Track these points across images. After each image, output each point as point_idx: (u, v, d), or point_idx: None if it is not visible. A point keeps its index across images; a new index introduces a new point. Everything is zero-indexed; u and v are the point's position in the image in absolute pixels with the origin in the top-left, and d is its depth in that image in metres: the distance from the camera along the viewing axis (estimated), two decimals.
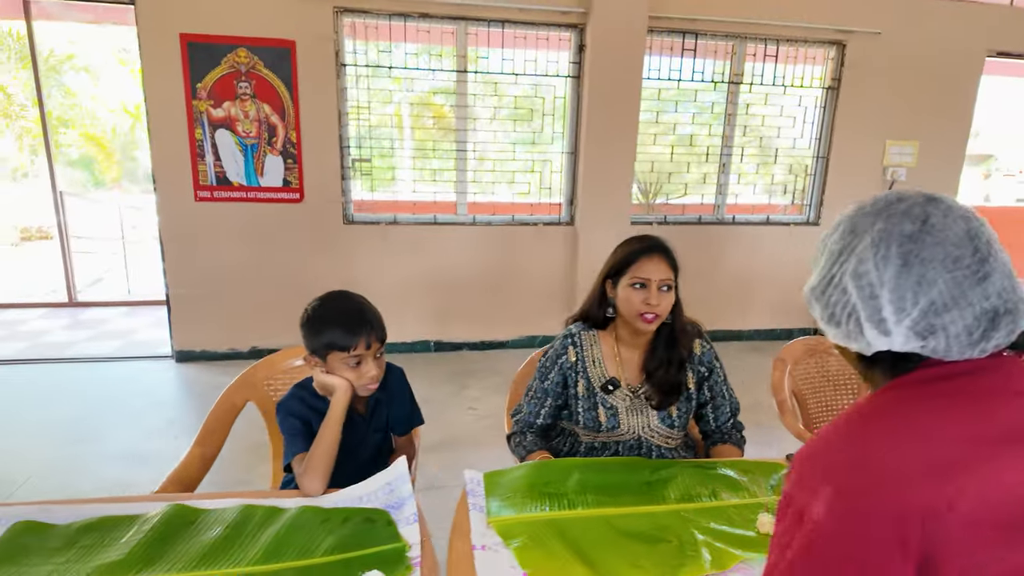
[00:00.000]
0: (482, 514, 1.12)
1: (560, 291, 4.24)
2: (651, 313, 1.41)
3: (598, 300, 1.55)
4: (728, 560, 1.01)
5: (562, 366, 1.54)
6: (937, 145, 4.57)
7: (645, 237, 1.49)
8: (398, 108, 4.00)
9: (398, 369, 1.53)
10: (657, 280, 1.41)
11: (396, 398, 1.49)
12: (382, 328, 1.36)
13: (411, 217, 3.98)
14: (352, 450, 1.41)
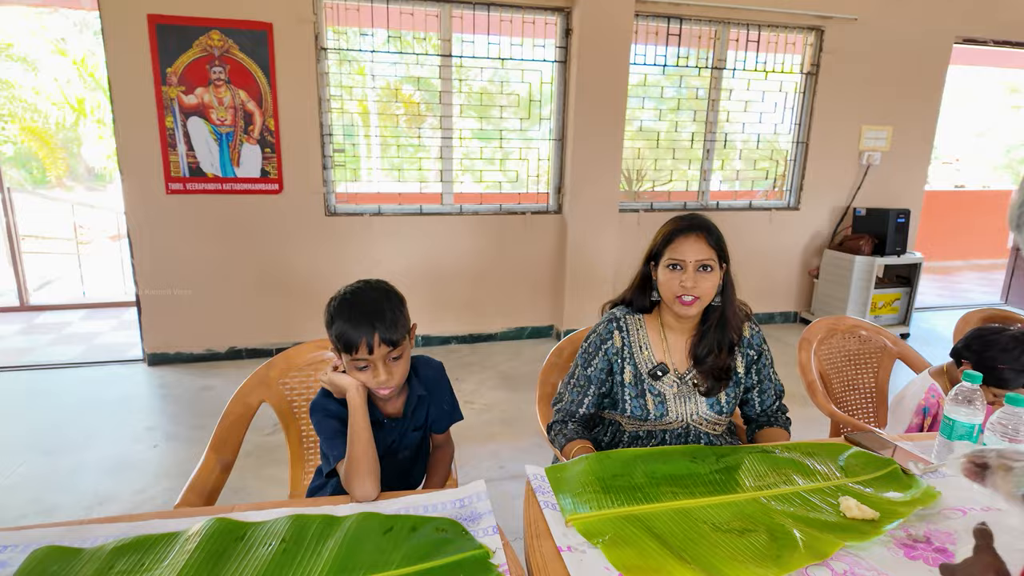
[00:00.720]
0: (556, 512, 1.04)
1: (549, 281, 4.18)
2: (689, 295, 1.35)
3: (641, 284, 1.48)
4: (828, 547, 0.95)
5: (607, 352, 1.46)
6: (909, 129, 4.68)
7: (684, 215, 1.43)
8: (388, 91, 3.85)
9: (437, 364, 1.42)
10: (693, 260, 1.35)
11: (435, 394, 1.39)
12: (395, 329, 1.19)
13: (396, 208, 3.85)
14: (390, 452, 1.32)
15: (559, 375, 1.77)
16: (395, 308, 1.23)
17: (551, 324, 4.27)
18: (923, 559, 0.95)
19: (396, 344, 1.19)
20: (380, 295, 1.26)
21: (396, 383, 1.22)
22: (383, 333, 1.18)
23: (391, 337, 1.18)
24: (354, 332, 1.18)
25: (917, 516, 1.05)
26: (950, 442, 1.19)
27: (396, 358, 1.21)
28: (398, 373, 1.22)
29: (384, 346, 1.18)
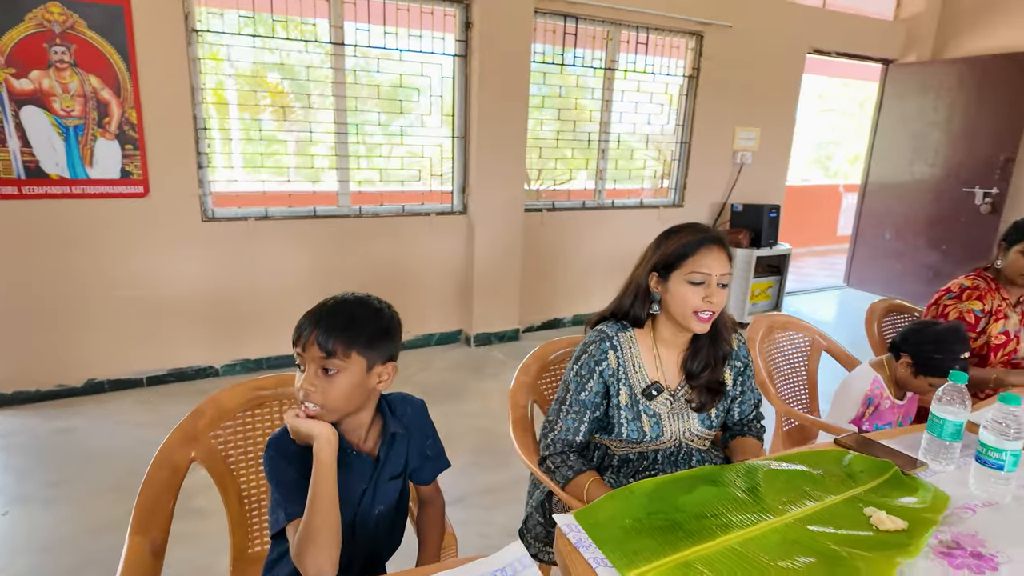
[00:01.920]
0: (611, 569, 0.92)
1: (456, 285, 4.02)
2: (708, 311, 1.29)
3: (641, 295, 1.38)
4: (888, 569, 0.93)
5: (603, 374, 1.36)
6: (773, 131, 5.12)
7: (698, 226, 1.35)
8: (268, 83, 3.44)
9: (418, 402, 1.25)
10: (718, 275, 1.29)
11: (414, 435, 1.21)
12: (340, 340, 1.01)
13: (286, 211, 3.47)
14: (363, 509, 1.12)
15: (527, 395, 1.64)
16: (360, 323, 1.05)
17: (459, 329, 4.12)
18: (967, 567, 0.96)
19: (330, 354, 1.01)
20: (358, 306, 1.08)
21: (321, 403, 1.02)
22: (321, 335, 1.01)
23: (327, 344, 1.01)
24: (302, 321, 1.05)
25: (941, 522, 1.08)
26: (942, 440, 1.24)
27: (329, 372, 1.02)
28: (328, 395, 1.02)
29: (316, 348, 1.01)
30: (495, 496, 2.42)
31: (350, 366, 1.03)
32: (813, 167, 10.90)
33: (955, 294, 2.06)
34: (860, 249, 6.07)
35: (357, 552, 1.14)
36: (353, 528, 1.12)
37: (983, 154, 4.93)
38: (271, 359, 3.55)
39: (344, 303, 1.08)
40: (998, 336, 2.03)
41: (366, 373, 1.06)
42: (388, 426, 1.15)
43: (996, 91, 4.82)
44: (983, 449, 1.15)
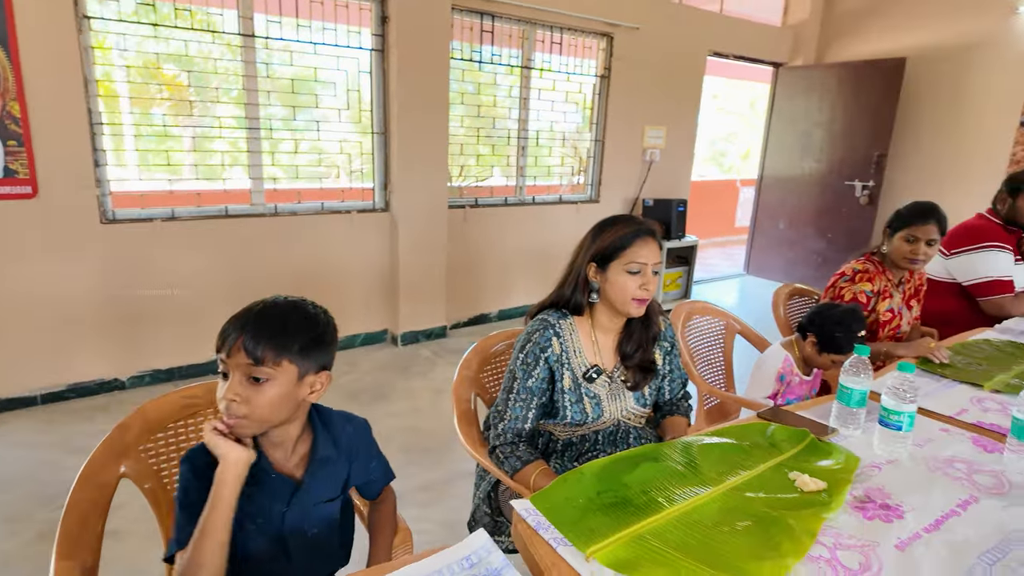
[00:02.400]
0: (570, 548, 0.97)
1: (380, 284, 3.96)
2: (645, 297, 1.39)
3: (581, 285, 1.45)
4: (814, 524, 1.04)
5: (548, 360, 1.42)
6: (678, 129, 5.39)
7: (632, 219, 1.45)
8: (172, 77, 3.23)
9: (361, 422, 1.22)
10: (652, 264, 1.39)
11: (357, 459, 1.17)
12: (269, 346, 0.96)
13: (195, 210, 3.28)
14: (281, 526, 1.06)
15: (470, 388, 1.67)
16: (293, 329, 1.00)
17: (385, 329, 4.05)
18: (878, 517, 1.08)
19: (258, 361, 0.95)
20: (291, 311, 1.03)
21: (246, 415, 0.96)
22: (249, 341, 0.95)
23: (254, 349, 0.95)
24: (226, 326, 0.98)
25: (853, 480, 1.20)
26: (849, 408, 1.38)
27: (257, 380, 0.96)
28: (255, 405, 0.96)
29: (243, 355, 0.95)
30: (430, 493, 2.42)
31: (279, 375, 0.98)
32: (709, 164, 11.56)
33: (849, 277, 2.28)
34: (758, 239, 6.52)
35: (298, 572, 1.11)
36: (286, 550, 1.07)
37: (861, 151, 5.44)
38: (184, 368, 3.34)
39: (275, 307, 1.02)
40: (885, 313, 2.26)
41: (296, 383, 1.01)
42: (317, 448, 1.09)
43: (869, 94, 5.33)
44: (885, 413, 1.29)
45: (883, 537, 1.03)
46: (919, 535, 1.04)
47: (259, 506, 1.04)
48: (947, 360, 1.89)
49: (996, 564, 0.97)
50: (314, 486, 1.09)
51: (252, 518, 1.04)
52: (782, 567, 0.93)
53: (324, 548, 1.14)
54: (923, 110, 5.26)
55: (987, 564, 0.97)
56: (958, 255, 2.58)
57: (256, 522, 1.04)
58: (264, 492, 1.04)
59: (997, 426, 1.45)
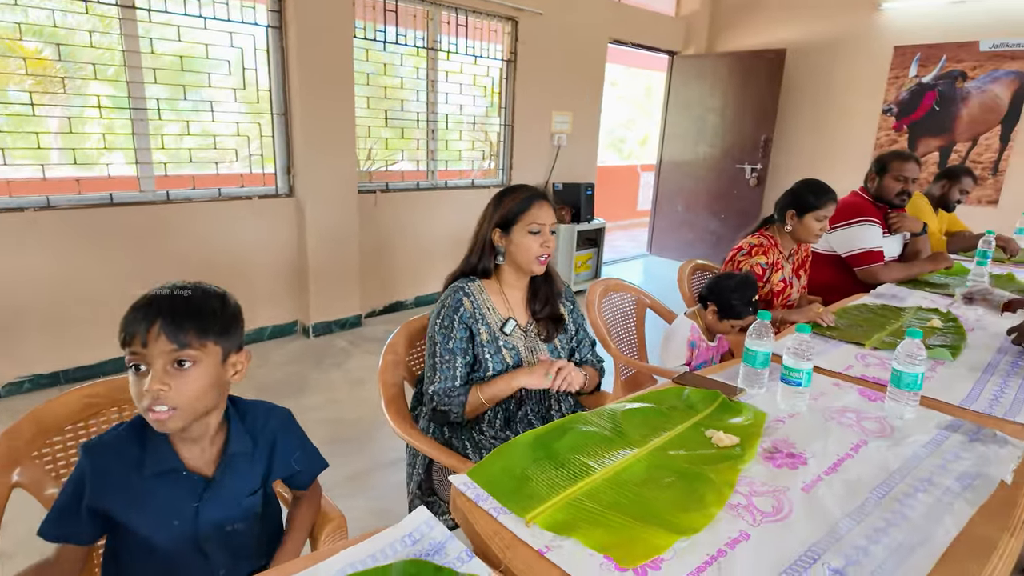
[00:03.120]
0: (511, 516, 0.99)
1: (288, 273, 3.79)
2: (545, 255, 1.53)
3: (486, 250, 1.58)
4: (731, 475, 1.12)
5: (463, 318, 1.52)
6: (583, 115, 5.53)
7: (526, 187, 1.58)
8: (34, 51, 2.90)
9: (282, 412, 1.18)
10: (549, 224, 1.53)
11: (281, 450, 1.13)
12: (191, 330, 0.91)
13: (74, 198, 2.98)
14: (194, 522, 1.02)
15: (397, 372, 1.65)
16: (210, 308, 0.96)
17: (295, 320, 3.89)
18: (786, 465, 1.19)
19: (183, 345, 0.90)
20: (201, 293, 0.98)
21: (177, 405, 0.91)
22: (169, 326, 0.89)
23: (177, 332, 0.90)
24: (133, 316, 0.90)
25: (762, 434, 1.31)
26: (755, 369, 1.49)
27: (183, 366, 0.91)
28: (184, 392, 0.91)
29: (164, 340, 0.89)
30: (354, 483, 2.38)
31: (206, 356, 0.94)
32: (609, 150, 11.94)
33: (746, 251, 2.45)
34: (659, 221, 6.85)
35: (218, 570, 1.06)
36: (200, 548, 1.02)
37: (749, 135, 5.83)
38: (72, 371, 3.05)
39: (182, 291, 0.96)
40: (778, 283, 2.45)
41: (221, 364, 0.98)
42: (230, 443, 1.05)
43: (755, 82, 5.71)
44: (786, 371, 1.41)
45: (791, 482, 1.13)
46: (820, 478, 1.14)
47: (173, 506, 1.00)
48: (832, 323, 2.08)
49: (885, 497, 1.09)
50: (228, 481, 1.04)
51: (167, 518, 0.99)
52: (707, 516, 1.00)
53: (246, 544, 1.10)
54: (802, 97, 5.71)
55: (877, 498, 1.08)
56: (837, 230, 2.84)
57: (172, 524, 1.00)
58: (176, 491, 1.00)
59: (878, 379, 1.62)
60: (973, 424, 1.37)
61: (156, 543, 0.98)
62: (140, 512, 0.97)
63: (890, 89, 5.22)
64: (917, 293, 2.59)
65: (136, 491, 0.97)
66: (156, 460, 0.98)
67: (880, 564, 0.91)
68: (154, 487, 0.98)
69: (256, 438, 1.09)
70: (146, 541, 0.98)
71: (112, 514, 0.96)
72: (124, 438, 0.99)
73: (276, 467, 1.13)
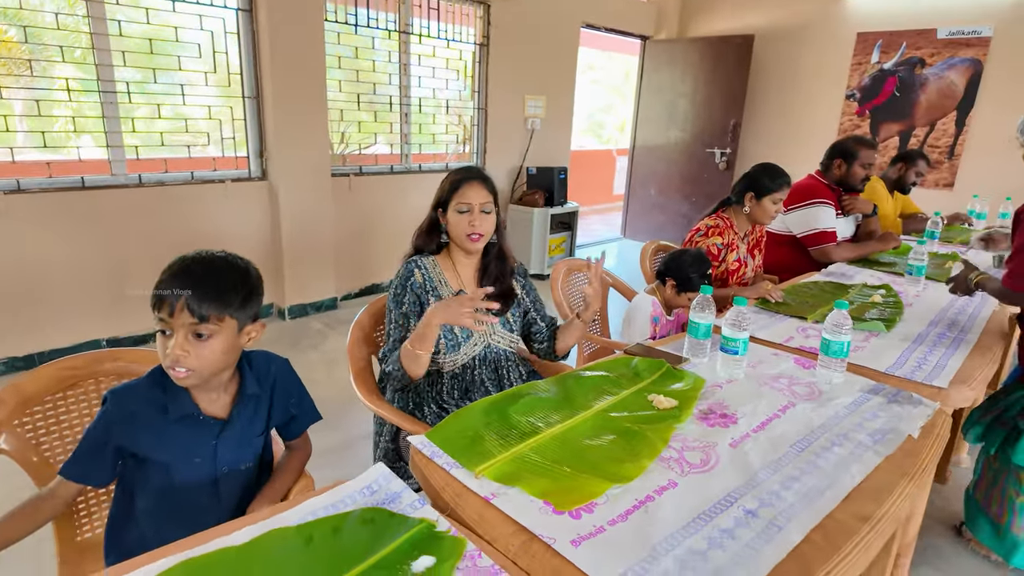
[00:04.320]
0: (461, 469, 1.08)
1: (263, 256, 3.83)
2: (476, 233, 1.59)
3: (429, 228, 1.67)
4: (666, 432, 1.23)
5: (412, 287, 1.60)
6: (557, 99, 5.59)
7: (465, 168, 1.65)
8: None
9: (281, 360, 1.27)
10: (479, 204, 1.58)
11: (278, 394, 1.23)
12: (212, 303, 1.03)
13: (44, 182, 2.99)
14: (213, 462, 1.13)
15: (367, 346, 1.74)
16: (231, 284, 1.07)
17: (271, 303, 3.94)
18: (718, 424, 1.30)
19: (203, 319, 1.02)
20: (227, 268, 1.09)
21: (194, 368, 1.03)
22: (192, 299, 1.01)
23: (199, 308, 1.01)
24: (166, 284, 1.03)
25: (700, 398, 1.42)
26: (698, 340, 1.61)
27: (201, 337, 1.03)
28: (202, 358, 1.04)
29: (187, 314, 1.01)
30: (327, 457, 2.46)
31: (223, 329, 1.06)
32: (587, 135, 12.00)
33: (703, 232, 2.56)
34: (632, 205, 6.96)
35: (225, 510, 1.15)
36: (216, 486, 1.13)
37: (719, 120, 5.95)
38: (46, 354, 3.07)
39: (211, 264, 1.08)
40: (733, 263, 2.57)
41: (237, 334, 1.09)
42: (245, 387, 1.16)
43: (725, 67, 5.82)
44: (725, 341, 1.52)
45: (720, 439, 1.24)
46: (748, 435, 1.26)
47: (194, 444, 1.10)
48: (781, 299, 2.20)
49: (804, 451, 1.21)
50: (240, 422, 1.15)
51: (190, 456, 1.10)
52: (639, 467, 1.11)
53: (254, 483, 1.21)
54: (769, 83, 5.83)
55: (796, 451, 1.20)
56: (793, 211, 2.96)
57: (194, 461, 1.10)
58: (197, 431, 1.11)
59: (814, 348, 1.74)
60: (893, 388, 1.50)
61: (178, 480, 1.10)
62: (166, 449, 1.08)
63: (853, 75, 5.36)
64: (866, 271, 2.73)
65: (162, 431, 1.08)
66: (177, 406, 1.09)
67: (790, 506, 1.03)
68: (177, 428, 1.09)
69: (261, 382, 1.20)
70: (168, 478, 1.09)
71: (139, 452, 1.07)
72: (148, 385, 1.10)
73: (276, 410, 1.23)
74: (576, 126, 5.91)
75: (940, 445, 1.28)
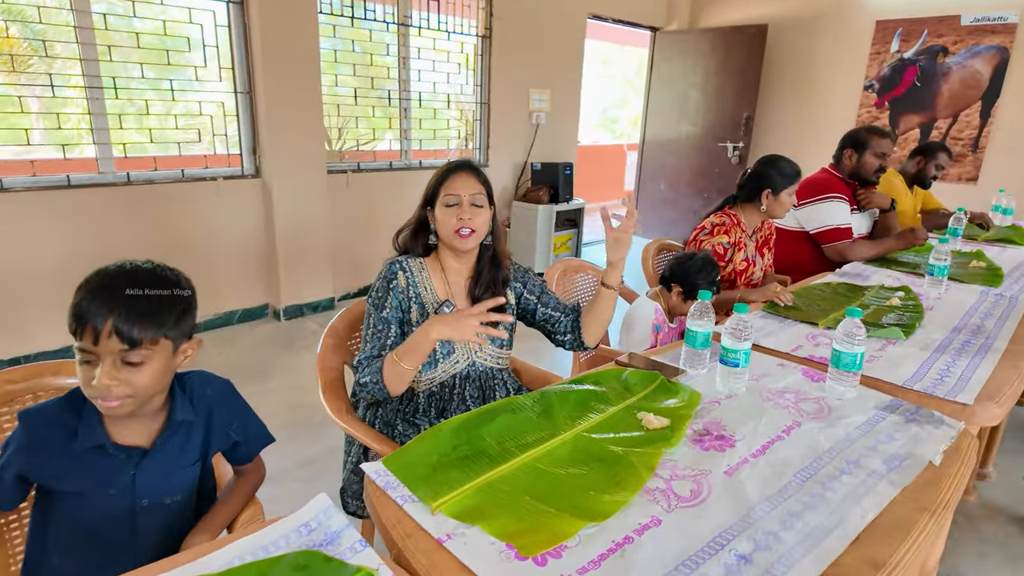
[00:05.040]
0: (417, 503, 0.96)
1: (257, 255, 3.75)
2: (466, 228, 1.42)
3: (417, 228, 1.51)
4: (653, 459, 1.10)
5: (395, 291, 1.45)
6: (563, 92, 5.44)
7: (454, 160, 1.50)
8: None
9: (222, 382, 1.16)
10: (467, 195, 1.43)
11: (215, 419, 1.11)
12: (142, 325, 0.90)
13: (28, 180, 2.92)
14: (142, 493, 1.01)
15: (340, 356, 1.62)
16: (164, 302, 0.94)
17: (266, 303, 3.85)
18: (713, 448, 1.17)
19: (135, 344, 0.89)
20: (156, 283, 0.95)
21: (124, 395, 0.92)
22: (119, 321, 0.88)
23: (130, 332, 0.89)
24: (85, 308, 0.88)
25: (693, 415, 1.29)
26: (695, 350, 1.47)
27: (133, 364, 0.91)
28: (135, 385, 0.92)
29: (115, 339, 0.88)
30: (312, 468, 2.36)
31: (158, 352, 0.94)
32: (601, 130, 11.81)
33: (708, 230, 2.42)
34: (642, 201, 6.79)
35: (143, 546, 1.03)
36: (133, 521, 1.01)
37: (731, 113, 5.76)
38: (32, 356, 3.01)
39: (139, 279, 0.93)
40: (741, 263, 2.42)
41: (172, 355, 0.98)
42: (175, 412, 1.04)
43: (737, 58, 5.63)
44: (724, 352, 1.38)
45: (715, 465, 1.10)
46: (746, 460, 1.12)
47: (109, 474, 0.99)
48: (790, 303, 2.05)
49: (808, 480, 1.07)
50: (167, 450, 1.04)
51: (104, 487, 0.99)
52: (620, 500, 0.98)
53: (182, 519, 1.09)
54: (783, 74, 5.63)
55: (800, 480, 1.07)
56: (805, 206, 2.80)
57: (108, 493, 0.99)
58: (110, 462, 0.99)
59: (825, 359, 1.59)
60: (912, 404, 1.35)
61: (89, 513, 0.98)
62: (76, 479, 0.97)
63: (871, 65, 5.15)
64: (883, 271, 2.57)
65: (73, 459, 0.97)
66: (87, 434, 0.97)
67: (789, 549, 0.90)
68: (91, 456, 0.98)
69: (195, 407, 1.08)
70: (78, 511, 0.98)
71: (44, 482, 0.97)
72: (62, 407, 0.98)
73: (214, 437, 1.11)
74: (589, 121, 5.76)
75: (965, 473, 1.14)
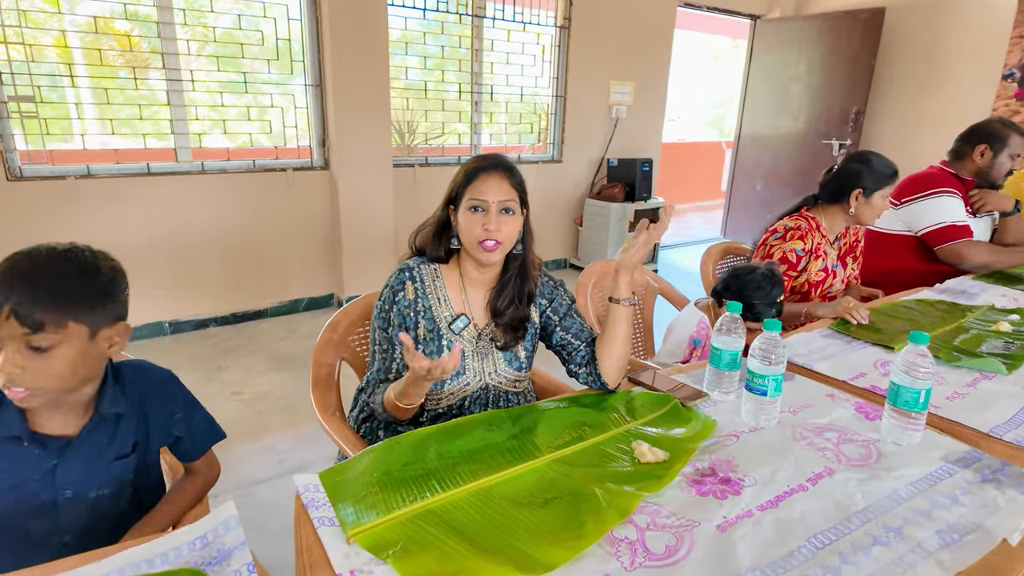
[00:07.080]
0: (336, 528, 0.84)
1: (322, 245, 3.81)
2: (491, 240, 1.21)
3: (439, 230, 1.30)
4: (630, 503, 0.92)
5: (400, 305, 1.27)
6: (647, 85, 5.15)
7: (485, 156, 1.28)
8: (88, 25, 3.02)
9: (162, 373, 1.09)
10: (496, 201, 1.21)
11: (155, 412, 1.05)
12: (46, 307, 0.84)
13: (112, 168, 3.11)
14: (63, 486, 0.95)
15: (336, 352, 1.54)
16: (73, 285, 0.88)
17: (330, 293, 3.92)
18: (712, 493, 0.96)
19: (37, 327, 0.83)
20: (65, 263, 0.89)
21: (36, 386, 0.87)
22: (20, 305, 0.83)
23: (30, 314, 0.83)
24: None
25: (700, 449, 1.08)
26: (720, 371, 1.25)
27: (40, 350, 0.85)
28: (43, 373, 0.87)
29: (15, 323, 0.83)
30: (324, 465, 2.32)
31: (68, 338, 0.87)
32: (709, 127, 11.23)
33: (780, 234, 2.12)
34: (735, 201, 6.33)
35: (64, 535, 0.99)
36: (55, 512, 0.96)
37: (838, 107, 5.21)
38: None
39: (44, 261, 0.88)
40: (817, 273, 2.11)
41: (90, 341, 0.91)
42: (105, 404, 0.98)
43: (847, 46, 5.07)
44: (750, 376, 1.16)
45: (709, 516, 0.90)
46: (750, 513, 0.91)
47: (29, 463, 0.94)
48: (865, 321, 1.75)
49: (823, 549, 0.84)
50: (92, 442, 0.98)
51: (23, 476, 0.94)
52: (569, 552, 0.81)
53: (111, 515, 1.03)
54: (902, 63, 5.01)
55: (812, 549, 0.84)
56: (911, 203, 2.42)
57: (31, 479, 0.94)
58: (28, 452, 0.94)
59: None
60: (997, 459, 1.06)
61: (6, 501, 0.94)
62: None
63: (1012, 51, 4.44)
64: (995, 288, 2.15)
65: None
66: (3, 425, 0.93)
67: None
68: (8, 446, 0.94)
69: (128, 398, 1.02)
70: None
71: None
72: None
73: (153, 432, 1.05)
74: (697, 117, 5.40)
75: None
